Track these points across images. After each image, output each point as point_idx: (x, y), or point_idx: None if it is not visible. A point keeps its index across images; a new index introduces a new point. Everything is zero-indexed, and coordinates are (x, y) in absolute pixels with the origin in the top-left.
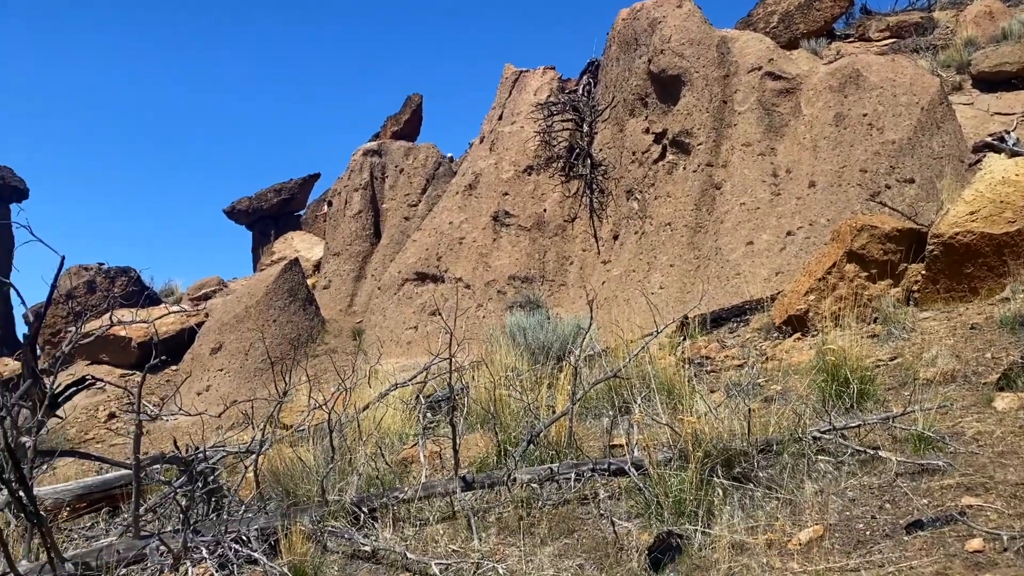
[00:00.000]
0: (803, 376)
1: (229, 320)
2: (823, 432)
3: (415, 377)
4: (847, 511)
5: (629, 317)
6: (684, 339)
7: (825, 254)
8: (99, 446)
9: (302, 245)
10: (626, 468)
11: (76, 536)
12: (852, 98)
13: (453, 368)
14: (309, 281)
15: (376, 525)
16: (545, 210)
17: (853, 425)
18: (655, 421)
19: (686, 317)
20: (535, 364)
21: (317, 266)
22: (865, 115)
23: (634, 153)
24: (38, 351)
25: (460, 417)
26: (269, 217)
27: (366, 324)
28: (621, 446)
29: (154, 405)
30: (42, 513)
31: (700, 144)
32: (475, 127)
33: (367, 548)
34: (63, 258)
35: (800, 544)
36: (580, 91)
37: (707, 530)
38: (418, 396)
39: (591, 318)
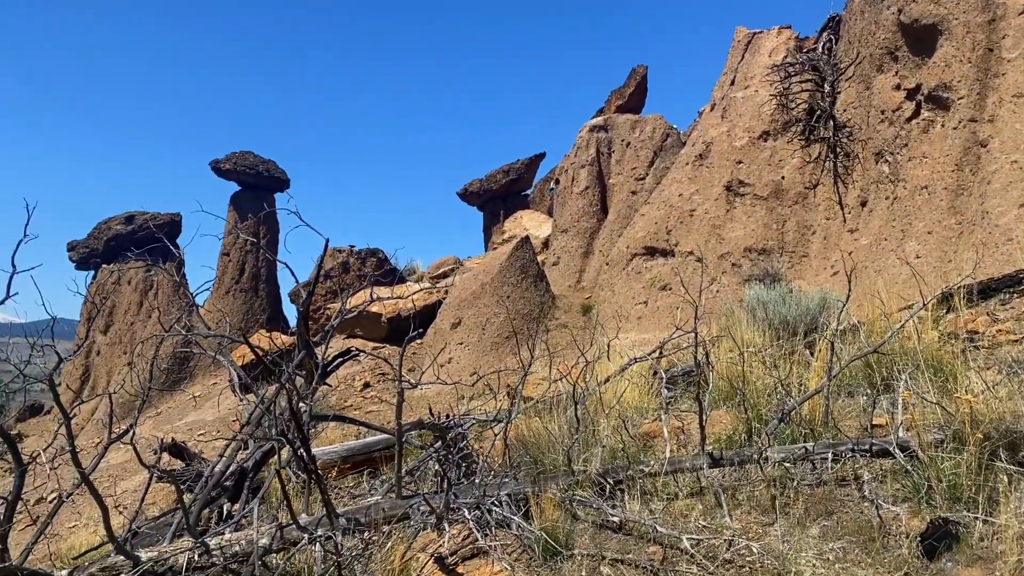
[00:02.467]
0: None
1: (467, 297)
2: None
3: (654, 351)
4: None
5: (881, 289)
6: (947, 312)
7: None
8: (356, 412)
9: (531, 223)
10: (891, 449)
11: (343, 494)
12: None
13: (695, 343)
14: (539, 258)
15: (623, 497)
16: (783, 177)
17: None
18: (922, 399)
19: (949, 288)
20: (777, 340)
21: (546, 243)
22: None
23: (883, 112)
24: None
25: (704, 393)
26: (498, 197)
27: (595, 299)
28: (882, 426)
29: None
30: (319, 472)
31: (961, 98)
32: (703, 96)
33: (615, 519)
34: (327, 241)
35: None
36: (820, 49)
37: (989, 518)
38: (656, 371)
39: (849, 290)
